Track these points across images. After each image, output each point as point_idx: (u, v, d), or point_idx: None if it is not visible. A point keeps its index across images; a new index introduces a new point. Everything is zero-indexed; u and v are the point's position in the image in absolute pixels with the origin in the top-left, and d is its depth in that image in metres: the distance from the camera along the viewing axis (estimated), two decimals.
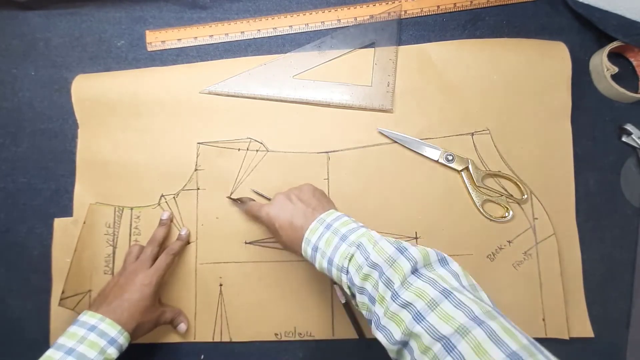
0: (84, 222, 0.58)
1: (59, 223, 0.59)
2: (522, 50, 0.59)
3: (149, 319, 0.51)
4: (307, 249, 0.45)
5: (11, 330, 0.58)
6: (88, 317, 0.47)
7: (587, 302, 0.56)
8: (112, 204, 0.59)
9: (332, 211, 0.47)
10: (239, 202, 0.57)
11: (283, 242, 0.49)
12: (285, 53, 0.61)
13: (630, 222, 0.57)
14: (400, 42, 0.60)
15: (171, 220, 0.58)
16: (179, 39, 0.62)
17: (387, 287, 0.37)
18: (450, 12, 0.61)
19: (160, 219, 0.57)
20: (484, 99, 0.58)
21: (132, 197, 0.59)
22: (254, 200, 0.57)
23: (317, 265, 0.45)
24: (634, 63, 0.60)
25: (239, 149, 0.59)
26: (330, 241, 0.43)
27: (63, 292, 0.56)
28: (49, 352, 0.44)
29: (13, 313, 0.59)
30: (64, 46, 0.63)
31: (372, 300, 0.39)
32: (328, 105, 0.59)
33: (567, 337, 0.54)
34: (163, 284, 0.55)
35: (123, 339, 0.47)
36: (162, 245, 0.57)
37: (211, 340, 0.56)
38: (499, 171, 0.57)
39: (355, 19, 0.61)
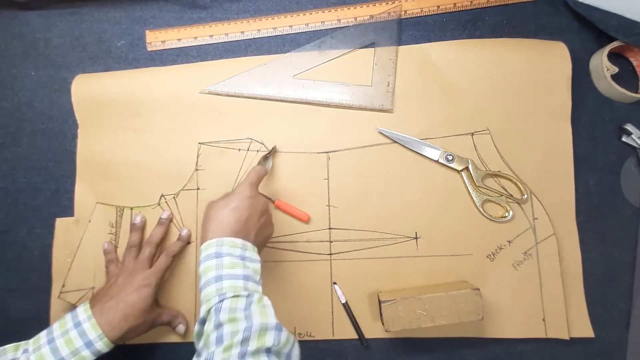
0: (89, 221, 0.58)
1: (60, 223, 0.59)
2: (522, 50, 0.59)
3: (145, 320, 0.50)
4: (203, 253, 0.44)
5: (11, 330, 0.58)
6: (82, 311, 0.47)
7: (587, 302, 0.56)
8: (113, 204, 0.59)
9: (241, 243, 0.44)
10: (263, 159, 0.57)
11: (205, 218, 0.47)
12: (285, 53, 0.61)
13: (630, 222, 0.57)
14: (400, 42, 0.60)
15: (170, 220, 0.58)
16: (179, 39, 0.62)
17: (241, 345, 0.37)
18: (450, 12, 0.61)
19: (160, 218, 0.57)
20: (484, 99, 0.58)
21: (132, 197, 0.59)
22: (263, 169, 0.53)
23: (202, 268, 0.43)
24: (634, 63, 0.60)
25: (239, 149, 0.59)
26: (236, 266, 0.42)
27: (64, 286, 0.57)
28: (42, 333, 0.46)
29: (13, 313, 0.59)
30: (64, 46, 0.63)
31: (220, 340, 0.37)
32: (328, 105, 0.59)
33: (567, 337, 0.54)
34: (162, 285, 0.55)
35: (102, 344, 0.46)
36: (161, 246, 0.57)
37: None
38: (499, 171, 0.57)
39: (355, 19, 0.61)
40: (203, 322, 0.41)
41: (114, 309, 0.48)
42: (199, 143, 0.60)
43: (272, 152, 0.58)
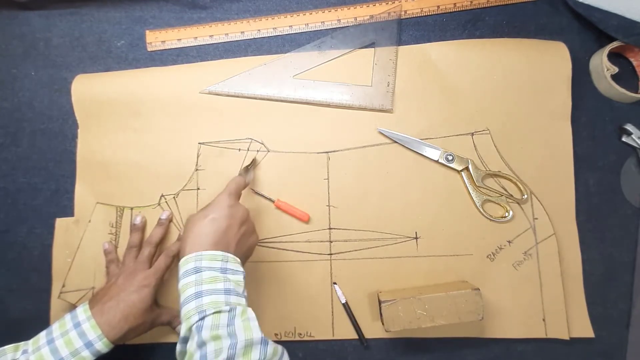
0: (89, 221, 0.58)
1: (60, 223, 0.59)
2: (522, 50, 0.59)
3: (145, 320, 0.50)
4: (181, 268, 0.44)
5: (11, 330, 0.58)
6: (82, 311, 0.47)
7: (587, 302, 0.56)
8: (113, 204, 0.59)
9: (219, 255, 0.43)
10: (245, 169, 0.57)
11: (185, 229, 0.47)
12: (285, 53, 0.61)
13: (630, 222, 0.57)
14: (400, 42, 0.60)
15: (170, 221, 0.58)
16: (179, 39, 0.62)
17: None
18: (450, 12, 0.61)
19: (159, 219, 0.57)
20: (484, 99, 0.58)
21: (132, 197, 0.59)
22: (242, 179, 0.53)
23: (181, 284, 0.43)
24: (634, 63, 0.60)
25: (239, 149, 0.59)
26: (213, 281, 0.42)
27: (64, 286, 0.57)
28: (41, 334, 0.46)
29: (13, 313, 0.59)
30: (64, 46, 0.63)
31: (204, 359, 0.37)
32: (328, 105, 0.59)
33: (567, 338, 0.54)
34: (162, 285, 0.55)
35: (101, 345, 0.45)
36: (161, 246, 0.57)
37: None
38: (499, 171, 0.57)
39: (355, 19, 0.61)
40: (185, 340, 0.40)
41: (113, 309, 0.48)
42: (199, 143, 0.60)
43: (253, 164, 0.58)
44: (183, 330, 0.40)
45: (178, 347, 0.40)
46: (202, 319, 0.39)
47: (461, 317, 0.50)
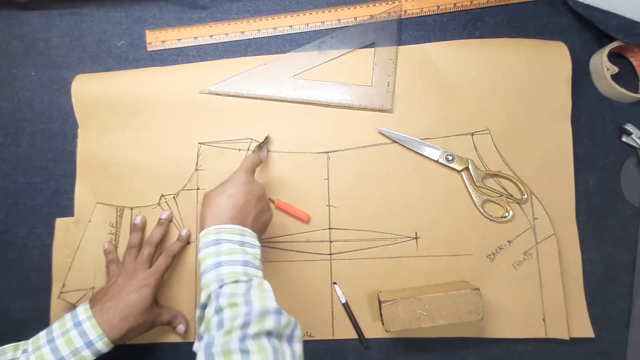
0: (89, 221, 0.59)
1: (60, 223, 0.59)
2: (522, 50, 0.59)
3: (145, 320, 0.50)
4: (201, 240, 0.44)
5: (11, 330, 0.58)
6: (82, 310, 0.47)
7: (587, 302, 0.56)
8: (113, 204, 0.59)
9: (238, 229, 0.44)
10: (259, 147, 0.57)
11: (204, 206, 0.48)
12: (285, 53, 0.61)
13: (630, 222, 0.57)
14: (400, 42, 0.60)
15: (170, 220, 0.58)
16: (179, 39, 0.62)
17: (241, 329, 0.37)
18: (450, 12, 0.61)
19: (159, 219, 0.57)
20: (484, 99, 0.58)
21: (133, 197, 0.59)
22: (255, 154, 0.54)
23: (201, 254, 0.43)
24: (634, 63, 0.60)
25: (239, 149, 0.59)
26: (233, 252, 0.43)
27: (64, 286, 0.57)
28: (41, 333, 0.46)
29: (13, 313, 0.59)
30: (64, 46, 0.63)
31: (220, 324, 0.38)
32: (328, 105, 0.59)
33: (567, 338, 0.54)
34: (162, 285, 0.55)
35: (102, 344, 0.46)
36: (161, 246, 0.57)
37: None
38: (499, 171, 0.57)
39: (355, 19, 0.61)
40: (204, 307, 0.41)
41: (113, 309, 0.48)
42: (199, 143, 0.60)
43: (266, 142, 0.58)
44: (203, 297, 0.41)
45: (197, 313, 0.41)
46: (221, 287, 0.40)
47: (461, 317, 0.50)
